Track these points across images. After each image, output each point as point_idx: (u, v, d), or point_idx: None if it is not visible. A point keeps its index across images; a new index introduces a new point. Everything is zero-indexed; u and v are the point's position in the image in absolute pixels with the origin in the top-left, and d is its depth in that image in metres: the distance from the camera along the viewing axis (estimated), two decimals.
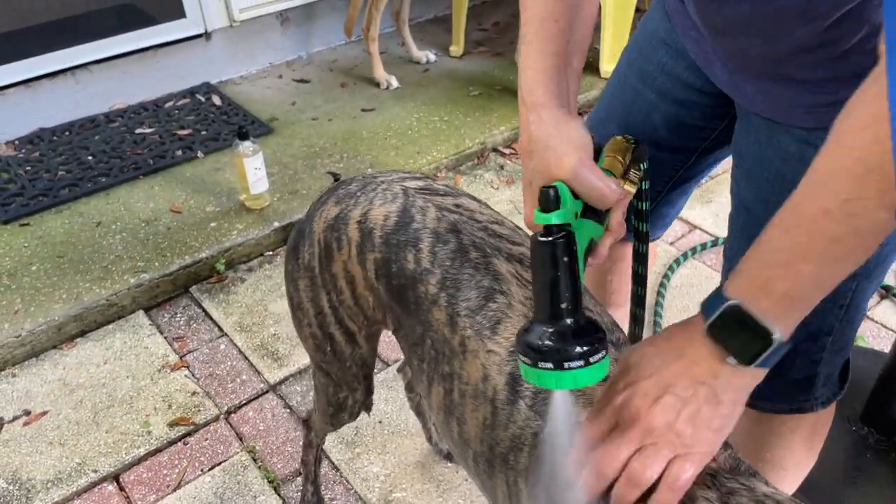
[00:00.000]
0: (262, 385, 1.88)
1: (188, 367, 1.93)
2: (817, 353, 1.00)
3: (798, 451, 1.15)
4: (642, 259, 0.99)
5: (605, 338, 0.66)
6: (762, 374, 0.67)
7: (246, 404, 1.84)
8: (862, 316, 1.00)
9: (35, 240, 2.26)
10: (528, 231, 0.86)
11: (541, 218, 0.65)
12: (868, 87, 0.57)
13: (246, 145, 2.27)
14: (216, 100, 2.99)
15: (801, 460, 1.18)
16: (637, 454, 0.67)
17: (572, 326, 0.64)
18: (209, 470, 1.68)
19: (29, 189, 2.46)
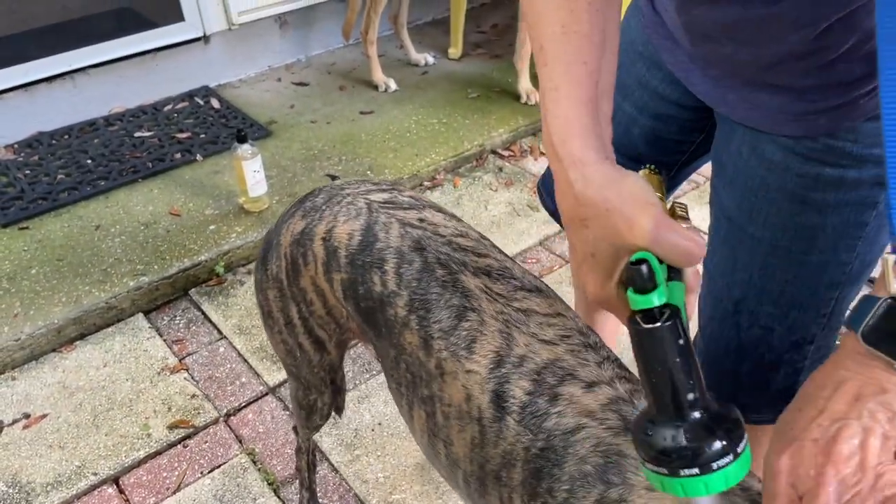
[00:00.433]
0: (262, 387, 1.89)
1: (187, 370, 1.94)
2: (800, 362, 0.99)
3: None
4: None
5: (741, 420, 0.57)
6: None
7: (245, 407, 1.84)
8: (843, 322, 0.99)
9: (34, 243, 2.27)
10: (492, 238, 0.83)
11: (640, 302, 0.56)
12: None
13: (244, 148, 2.28)
14: (215, 103, 3.00)
15: None
16: None
17: (706, 418, 0.55)
18: (209, 472, 1.68)
19: (28, 193, 2.46)
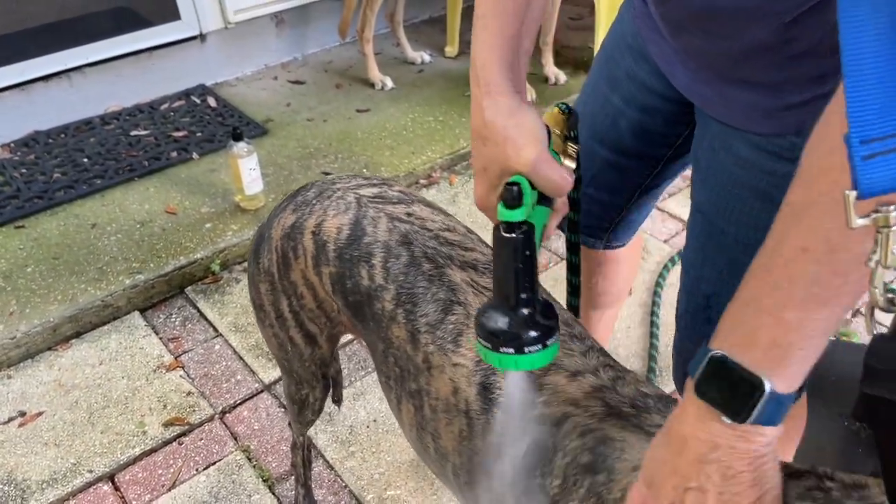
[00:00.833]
0: (257, 385, 1.89)
1: (183, 368, 1.94)
2: None
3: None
4: (575, 270, 0.99)
5: (558, 324, 0.71)
6: (773, 434, 0.57)
7: (240, 404, 1.84)
8: None
9: (30, 242, 2.27)
10: (481, 232, 0.87)
11: (505, 215, 0.69)
12: (832, 111, 0.51)
13: (241, 146, 2.28)
14: (211, 101, 3.00)
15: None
16: None
17: (531, 314, 0.68)
18: (204, 469, 1.68)
19: (24, 191, 2.46)
